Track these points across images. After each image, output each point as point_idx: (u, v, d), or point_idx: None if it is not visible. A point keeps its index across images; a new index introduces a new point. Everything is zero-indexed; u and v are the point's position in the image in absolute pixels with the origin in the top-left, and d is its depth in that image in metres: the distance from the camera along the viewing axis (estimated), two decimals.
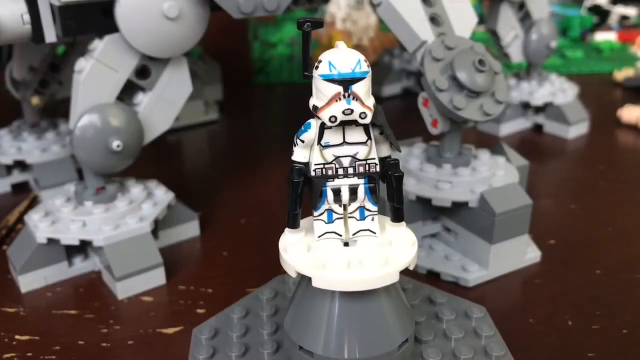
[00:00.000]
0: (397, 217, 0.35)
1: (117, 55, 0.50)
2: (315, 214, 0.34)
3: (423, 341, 0.39)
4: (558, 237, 0.59)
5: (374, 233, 0.35)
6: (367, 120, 0.32)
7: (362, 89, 0.31)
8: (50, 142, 0.69)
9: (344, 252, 0.34)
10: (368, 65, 0.31)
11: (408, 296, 0.42)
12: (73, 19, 0.48)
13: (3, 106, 0.81)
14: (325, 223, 0.34)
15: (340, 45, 0.32)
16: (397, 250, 0.34)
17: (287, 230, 0.35)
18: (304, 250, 0.34)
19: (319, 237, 0.35)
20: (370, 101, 0.32)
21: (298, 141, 0.34)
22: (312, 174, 0.34)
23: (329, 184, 0.34)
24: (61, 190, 0.56)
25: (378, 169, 0.34)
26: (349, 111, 0.31)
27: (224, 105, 0.95)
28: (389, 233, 0.35)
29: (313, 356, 0.34)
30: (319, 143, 0.33)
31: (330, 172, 0.34)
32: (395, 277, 0.33)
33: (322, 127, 0.33)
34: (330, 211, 0.34)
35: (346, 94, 0.31)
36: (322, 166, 0.34)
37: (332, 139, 0.33)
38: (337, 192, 0.34)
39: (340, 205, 0.34)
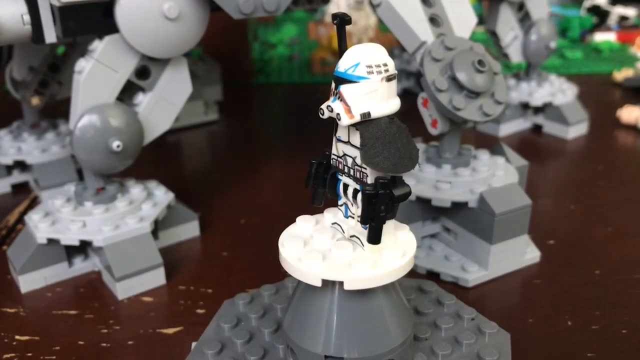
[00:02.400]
0: (369, 237, 0.32)
1: (117, 56, 0.50)
2: (339, 203, 0.35)
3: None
4: (557, 237, 0.59)
5: (362, 245, 0.34)
6: (342, 123, 0.31)
7: (351, 91, 0.31)
8: (50, 142, 0.69)
9: (336, 250, 0.34)
10: (379, 73, 0.31)
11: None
12: (73, 19, 0.48)
13: (3, 106, 0.81)
14: (341, 214, 0.35)
15: (370, 45, 0.32)
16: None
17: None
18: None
19: (331, 224, 0.36)
20: (360, 109, 0.31)
21: None
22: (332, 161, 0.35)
23: (340, 177, 0.34)
24: (61, 191, 0.56)
25: (369, 180, 0.33)
26: (330, 108, 0.31)
27: (223, 105, 0.95)
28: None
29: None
30: (334, 135, 0.34)
31: (340, 166, 0.34)
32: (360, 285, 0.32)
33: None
34: (346, 205, 0.35)
35: (335, 92, 0.31)
36: (335, 158, 0.34)
37: (342, 135, 0.33)
38: (345, 188, 0.34)
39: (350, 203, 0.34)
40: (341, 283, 0.33)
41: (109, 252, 0.51)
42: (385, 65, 0.31)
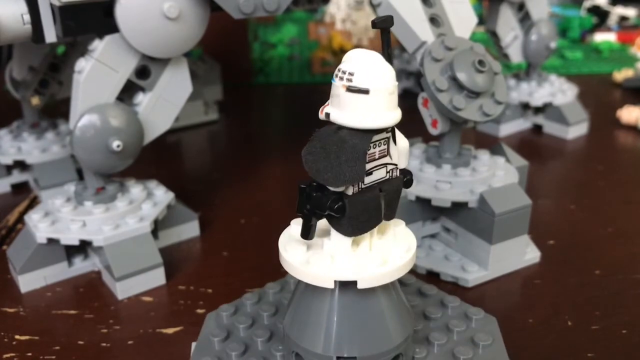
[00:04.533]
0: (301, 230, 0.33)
1: (117, 56, 0.50)
2: None
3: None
4: (557, 237, 0.59)
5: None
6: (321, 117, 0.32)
7: (331, 90, 0.31)
8: (50, 142, 0.69)
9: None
10: (340, 79, 0.31)
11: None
12: (73, 19, 0.48)
13: (3, 106, 0.81)
14: None
15: (362, 52, 0.32)
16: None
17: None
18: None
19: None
20: (327, 108, 0.31)
21: None
22: None
23: None
24: (61, 191, 0.56)
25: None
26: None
27: (223, 105, 0.95)
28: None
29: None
30: None
31: None
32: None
33: None
34: None
35: None
36: None
37: None
38: None
39: None
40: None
41: (108, 251, 0.51)
42: (350, 74, 0.30)
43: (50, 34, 0.48)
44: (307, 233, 0.33)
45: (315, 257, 0.33)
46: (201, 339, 0.40)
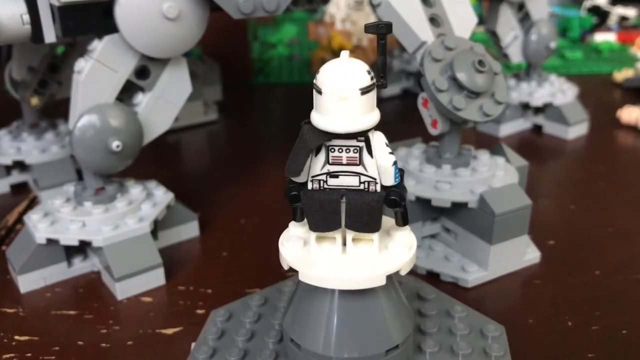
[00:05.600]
0: None
1: (116, 56, 0.50)
2: None
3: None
4: (558, 237, 0.59)
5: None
6: None
7: None
8: (50, 142, 0.69)
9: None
10: (315, 80, 0.32)
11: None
12: (73, 19, 0.48)
13: (2, 106, 0.81)
14: None
15: (341, 60, 0.32)
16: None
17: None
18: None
19: None
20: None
21: None
22: None
23: None
24: (60, 191, 0.56)
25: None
26: None
27: (223, 105, 0.95)
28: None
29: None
30: None
31: None
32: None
33: None
34: None
35: None
36: None
37: None
38: None
39: None
40: None
41: (108, 252, 0.51)
42: (317, 77, 0.32)
43: (50, 34, 0.48)
44: (294, 216, 0.35)
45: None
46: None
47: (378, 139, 0.32)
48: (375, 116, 0.32)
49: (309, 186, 0.33)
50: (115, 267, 0.51)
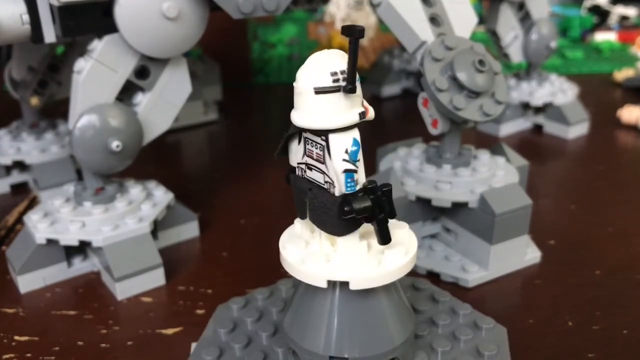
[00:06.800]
0: None
1: (116, 56, 0.50)
2: None
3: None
4: (558, 237, 0.59)
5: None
6: None
7: None
8: (50, 142, 0.69)
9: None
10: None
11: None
12: (72, 19, 0.48)
13: (2, 106, 0.81)
14: None
15: (324, 53, 0.32)
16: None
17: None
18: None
19: None
20: None
21: None
22: None
23: None
24: (60, 191, 0.56)
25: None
26: None
27: (223, 105, 0.95)
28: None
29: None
30: None
31: None
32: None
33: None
34: None
35: None
36: None
37: None
38: None
39: None
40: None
41: (108, 252, 0.51)
42: (297, 75, 0.32)
43: (50, 34, 0.48)
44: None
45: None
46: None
47: (338, 142, 0.31)
48: (336, 120, 0.30)
49: (297, 172, 0.34)
50: (115, 267, 0.51)
